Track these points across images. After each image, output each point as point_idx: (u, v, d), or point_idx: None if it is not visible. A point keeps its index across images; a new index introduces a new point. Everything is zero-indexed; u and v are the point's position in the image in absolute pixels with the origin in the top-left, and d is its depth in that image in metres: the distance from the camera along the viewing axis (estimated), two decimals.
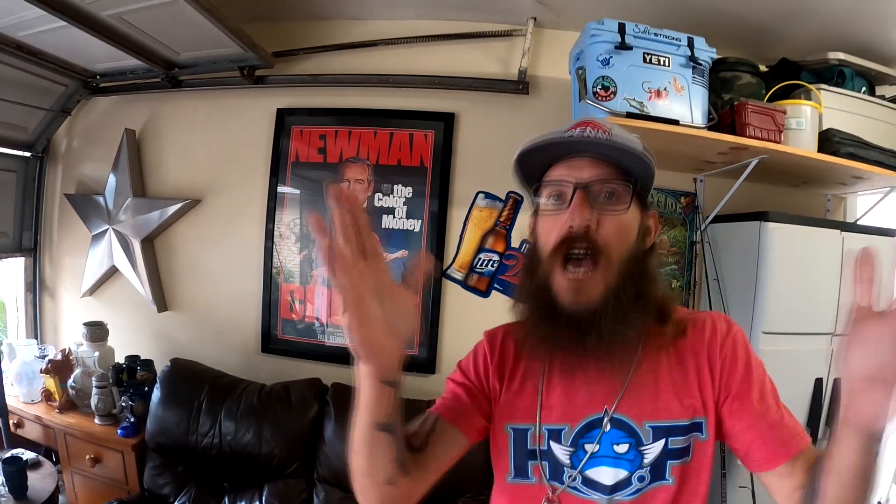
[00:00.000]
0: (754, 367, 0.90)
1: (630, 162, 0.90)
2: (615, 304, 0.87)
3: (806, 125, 2.00)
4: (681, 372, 0.92)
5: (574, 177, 0.90)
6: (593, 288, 0.87)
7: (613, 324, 0.86)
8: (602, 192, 0.90)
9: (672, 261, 2.49)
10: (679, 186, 2.49)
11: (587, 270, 0.87)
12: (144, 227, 2.78)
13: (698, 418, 0.89)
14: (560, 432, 0.94)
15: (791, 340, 2.03)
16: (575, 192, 0.89)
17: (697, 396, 0.90)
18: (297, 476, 2.25)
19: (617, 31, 1.90)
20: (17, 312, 3.06)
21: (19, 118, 2.75)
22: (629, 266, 0.89)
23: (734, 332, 0.94)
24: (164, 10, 2.04)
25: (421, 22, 2.56)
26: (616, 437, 0.91)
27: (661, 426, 0.89)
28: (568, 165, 0.92)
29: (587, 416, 0.93)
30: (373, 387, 0.78)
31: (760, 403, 0.87)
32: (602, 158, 0.91)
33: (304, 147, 2.69)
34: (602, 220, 0.88)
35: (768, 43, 2.32)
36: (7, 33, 2.25)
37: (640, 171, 0.91)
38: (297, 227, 2.70)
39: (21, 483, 2.08)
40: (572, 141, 0.90)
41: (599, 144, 0.89)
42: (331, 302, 2.65)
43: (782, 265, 2.02)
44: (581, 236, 0.87)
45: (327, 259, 0.69)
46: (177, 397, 2.34)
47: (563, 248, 0.88)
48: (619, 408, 0.91)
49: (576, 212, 0.87)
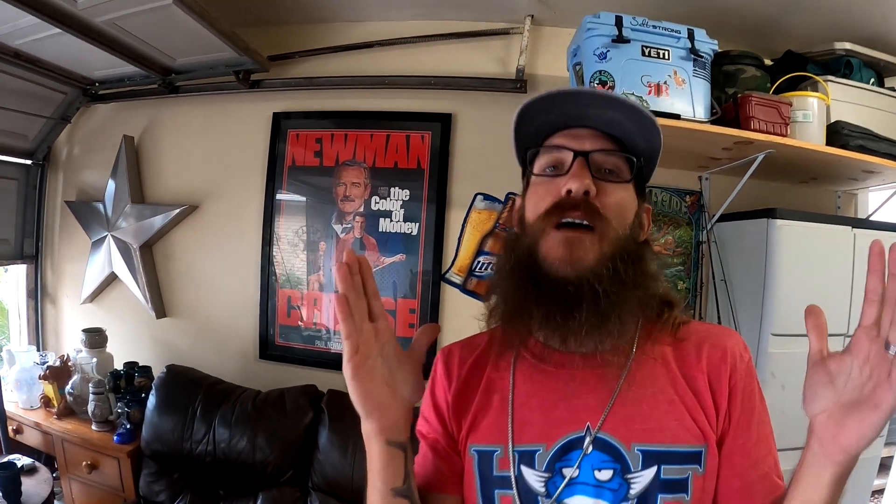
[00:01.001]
0: (758, 404, 0.80)
1: (637, 134, 0.82)
2: (612, 272, 0.76)
3: (813, 118, 1.92)
4: (683, 388, 0.78)
5: (575, 145, 0.81)
6: (589, 250, 0.76)
7: (610, 294, 0.75)
8: (604, 164, 0.82)
9: (678, 262, 2.41)
10: (684, 185, 2.41)
11: (583, 233, 0.77)
12: (143, 233, 2.78)
13: (697, 446, 0.75)
14: (533, 455, 0.78)
15: (802, 342, 1.88)
16: (576, 159, 0.80)
17: (700, 418, 0.76)
18: (292, 484, 2.21)
19: (614, 24, 1.84)
20: (20, 319, 3.07)
21: (20, 126, 2.77)
22: (626, 244, 0.79)
23: (751, 361, 0.83)
24: (156, 14, 2.02)
25: (416, 22, 2.53)
26: (598, 460, 0.76)
27: (652, 450, 0.74)
28: (569, 135, 0.83)
29: (566, 434, 0.78)
30: (380, 448, 0.75)
31: (756, 449, 0.78)
32: (605, 132, 0.83)
33: (301, 151, 2.66)
34: (602, 190, 0.79)
35: (772, 35, 2.25)
36: (4, 42, 2.26)
37: (645, 146, 0.83)
38: (294, 232, 2.67)
39: (15, 489, 2.05)
40: (579, 93, 0.82)
41: (608, 99, 0.80)
42: (333, 308, 2.61)
43: (791, 264, 1.94)
44: (579, 202, 0.77)
45: (341, 308, 0.69)
46: (172, 404, 2.32)
47: (557, 213, 0.78)
48: (605, 425, 0.77)
49: (575, 176, 0.78)
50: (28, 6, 1.91)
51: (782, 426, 1.90)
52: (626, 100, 0.79)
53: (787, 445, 1.89)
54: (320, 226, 2.64)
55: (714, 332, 0.85)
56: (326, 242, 2.63)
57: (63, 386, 2.54)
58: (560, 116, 0.84)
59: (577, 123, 0.83)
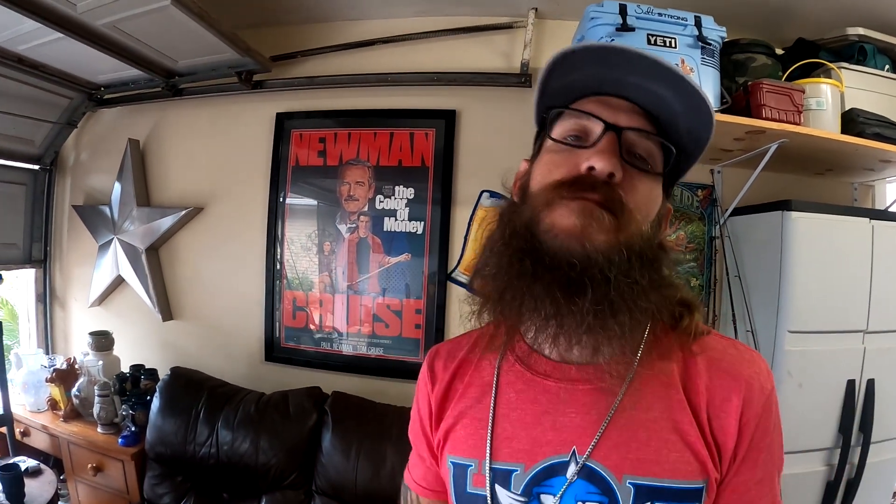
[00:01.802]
0: (768, 442, 0.69)
1: (683, 119, 0.68)
2: (626, 262, 0.63)
3: (827, 105, 1.85)
4: (686, 415, 0.67)
5: (608, 116, 0.68)
6: (603, 230, 0.63)
7: (622, 284, 0.62)
8: (636, 147, 0.68)
9: (690, 258, 2.35)
10: (695, 179, 2.34)
11: (600, 210, 0.64)
12: (149, 236, 2.78)
13: (698, 482, 0.65)
14: (510, 474, 0.70)
15: (820, 339, 1.87)
16: (605, 132, 0.66)
17: (703, 451, 0.66)
18: (296, 487, 2.17)
19: (618, 12, 1.79)
20: (29, 323, 3.09)
21: (27, 132, 2.79)
22: (645, 244, 0.67)
23: (773, 392, 0.71)
24: (155, 16, 2.01)
25: (418, 19, 2.50)
26: (584, 492, 0.66)
27: (646, 485, 0.65)
28: (603, 102, 0.70)
29: (548, 456, 0.68)
30: None
31: (757, 488, 0.69)
32: (644, 109, 0.70)
33: (304, 151, 2.64)
34: (628, 177, 0.66)
35: (783, 22, 2.18)
36: (7, 47, 2.27)
37: (689, 136, 0.70)
38: (299, 234, 2.65)
39: (18, 490, 2.05)
40: (626, 52, 0.65)
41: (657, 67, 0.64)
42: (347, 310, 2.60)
43: (808, 258, 1.86)
44: (599, 184, 0.64)
45: None
46: (175, 406, 2.31)
47: (571, 190, 0.65)
48: (595, 452, 0.67)
49: (602, 152, 0.64)
50: (27, 10, 1.91)
51: (800, 427, 1.86)
52: (679, 71, 0.64)
53: (804, 447, 1.86)
54: (325, 226, 2.61)
55: (731, 356, 0.72)
56: (331, 243, 2.60)
57: (70, 389, 2.53)
58: (594, 78, 0.70)
59: (613, 91, 0.70)
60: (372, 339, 2.54)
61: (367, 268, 2.55)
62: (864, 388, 1.89)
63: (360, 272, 2.56)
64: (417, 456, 0.87)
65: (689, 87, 0.64)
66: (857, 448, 1.89)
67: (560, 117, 0.72)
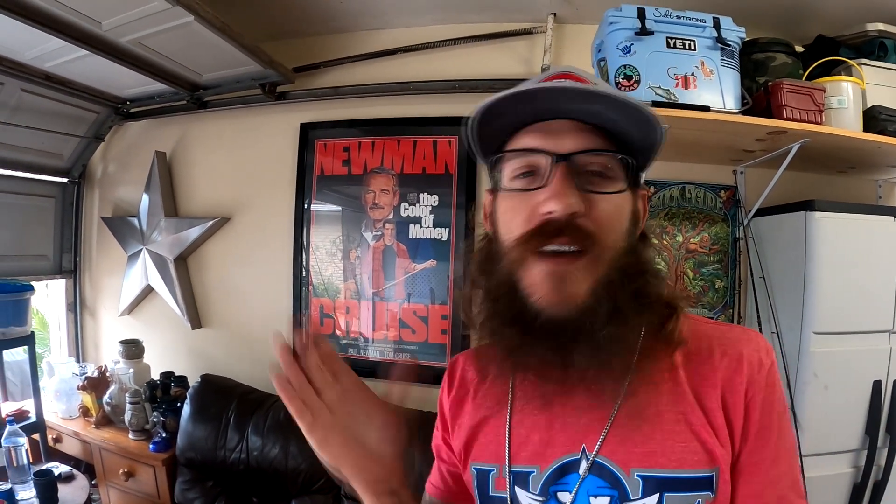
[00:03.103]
0: (776, 418, 0.69)
1: (627, 123, 0.67)
2: (610, 303, 0.65)
3: (848, 103, 1.84)
4: (691, 404, 0.68)
5: (552, 146, 0.67)
6: (580, 282, 0.64)
7: (609, 329, 0.65)
8: (590, 165, 0.67)
9: (715, 260, 2.34)
10: (718, 180, 2.34)
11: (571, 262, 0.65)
12: (177, 246, 2.83)
13: (707, 471, 0.66)
14: (528, 476, 0.73)
15: (845, 340, 1.86)
16: (554, 166, 0.66)
17: (710, 439, 0.66)
18: (324, 492, 2.20)
19: (636, 16, 1.80)
20: (60, 332, 3.16)
21: (55, 146, 2.86)
22: (623, 259, 0.67)
23: (773, 367, 0.71)
24: (179, 32, 2.06)
25: (438, 27, 2.53)
26: (594, 486, 0.68)
27: (654, 476, 0.66)
28: (542, 131, 0.69)
29: (561, 456, 0.71)
30: (371, 501, 0.72)
31: (774, 467, 0.68)
32: (587, 121, 0.68)
33: (329, 160, 2.68)
34: (591, 202, 0.66)
35: (801, 20, 2.17)
36: (34, 65, 2.34)
37: (641, 138, 0.69)
38: (325, 242, 2.68)
39: (52, 495, 2.10)
40: (549, 91, 0.66)
41: (586, 94, 0.64)
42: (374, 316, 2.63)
43: (832, 258, 1.85)
44: (563, 226, 0.64)
45: (282, 390, 0.69)
46: (206, 413, 2.35)
47: (537, 240, 0.66)
48: (603, 448, 0.69)
49: (558, 194, 0.64)
50: (54, 29, 1.97)
51: (826, 428, 1.84)
52: (609, 93, 0.64)
53: (830, 449, 1.84)
54: (351, 234, 2.65)
55: (729, 338, 0.73)
56: (357, 250, 2.63)
57: (101, 396, 2.59)
58: (528, 113, 0.70)
59: (551, 116, 0.69)
60: (399, 344, 2.57)
61: (392, 274, 2.57)
62: (890, 388, 1.87)
63: (385, 279, 2.58)
64: (438, 459, 0.91)
65: (621, 102, 0.64)
66: (884, 450, 1.88)
67: (502, 160, 0.73)
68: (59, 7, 1.86)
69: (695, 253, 2.31)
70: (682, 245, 2.32)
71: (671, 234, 2.32)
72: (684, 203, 2.32)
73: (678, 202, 2.32)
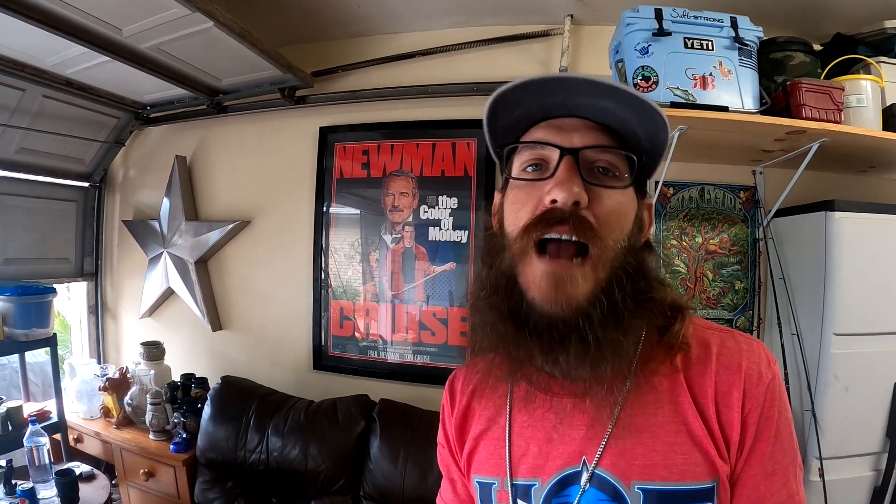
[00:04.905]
0: (774, 433, 0.68)
1: (637, 125, 0.68)
2: (608, 306, 0.65)
3: (867, 102, 1.83)
4: (692, 413, 0.68)
5: (561, 140, 0.68)
6: (579, 283, 0.64)
7: (605, 332, 0.64)
8: (597, 162, 0.69)
9: (734, 261, 2.33)
10: (737, 181, 2.33)
11: (572, 259, 0.65)
12: (198, 249, 2.87)
13: (708, 482, 0.65)
14: (529, 489, 0.72)
15: (866, 342, 1.84)
16: (562, 158, 0.67)
17: (711, 450, 0.66)
18: (343, 493, 2.21)
19: (653, 17, 1.81)
20: (81, 334, 3.20)
21: (76, 151, 2.91)
22: (624, 259, 0.68)
23: (775, 380, 0.70)
24: (199, 37, 2.09)
25: (456, 30, 2.54)
26: (595, 499, 0.68)
27: (655, 489, 0.65)
28: (553, 127, 0.70)
29: (561, 468, 0.71)
30: None
31: (768, 482, 0.67)
32: (598, 122, 0.69)
33: (348, 163, 2.70)
34: (595, 196, 0.67)
35: (819, 18, 2.16)
36: (56, 71, 2.38)
37: (647, 139, 0.70)
38: (345, 244, 2.70)
39: (73, 494, 2.13)
40: (566, 81, 0.68)
41: (602, 87, 0.65)
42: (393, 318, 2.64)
43: (853, 259, 1.83)
44: (566, 215, 0.65)
45: None
46: (226, 414, 2.37)
47: (539, 228, 0.66)
48: (603, 460, 0.68)
49: (563, 182, 0.65)
50: (75, 36, 2.01)
51: (847, 430, 1.83)
52: (622, 88, 0.65)
53: (851, 452, 1.82)
54: (370, 236, 2.66)
55: (729, 348, 0.71)
56: (377, 253, 2.65)
57: (122, 397, 2.62)
58: (539, 108, 0.71)
59: (561, 113, 0.71)
60: (418, 346, 2.58)
61: (412, 277, 2.59)
62: None
63: (405, 281, 2.60)
64: (447, 480, 0.90)
65: (630, 96, 0.65)
66: None
67: (515, 152, 0.74)
68: (80, 14, 1.90)
69: (714, 254, 2.30)
70: (701, 246, 2.31)
71: (691, 236, 2.31)
72: (703, 204, 2.31)
73: (697, 203, 2.31)
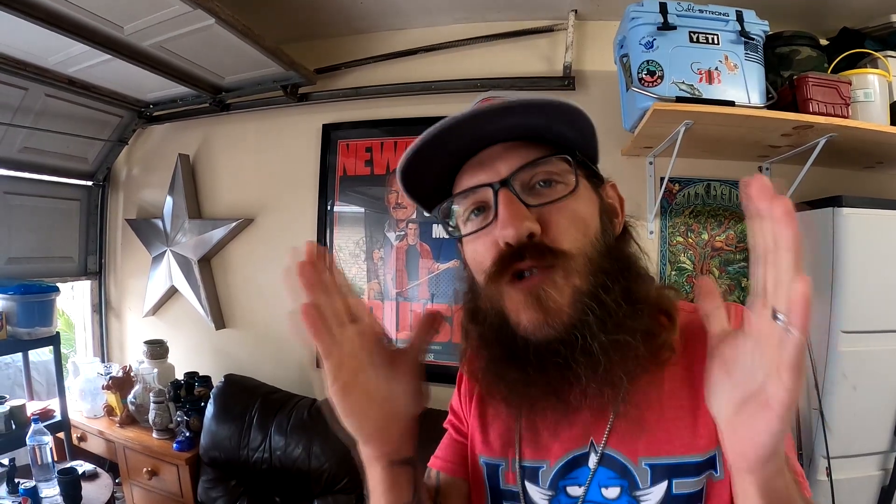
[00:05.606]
0: None
1: (552, 123, 0.66)
2: (598, 309, 0.62)
3: (875, 96, 1.81)
4: (690, 388, 0.67)
5: (487, 176, 0.66)
6: (558, 293, 0.62)
7: (604, 338, 0.62)
8: (534, 178, 0.66)
9: (741, 258, 2.31)
10: (744, 176, 2.30)
11: (543, 277, 0.63)
12: (201, 247, 2.86)
13: (711, 451, 0.65)
14: (537, 471, 0.72)
15: (874, 339, 1.82)
16: (497, 193, 0.65)
17: (710, 420, 0.63)
18: (347, 492, 2.19)
19: (658, 11, 1.80)
20: (85, 332, 3.20)
21: (79, 150, 2.91)
22: (603, 262, 0.65)
23: None
24: (200, 35, 2.08)
25: (459, 26, 2.53)
26: (605, 477, 0.68)
27: (661, 464, 0.66)
28: (475, 165, 0.68)
29: (569, 450, 0.71)
30: (383, 471, 0.66)
31: None
32: (516, 138, 0.67)
33: (352, 161, 2.69)
34: (547, 215, 0.64)
35: (825, 12, 2.14)
36: (58, 70, 2.37)
37: (572, 133, 0.67)
38: (349, 242, 2.69)
39: (76, 493, 2.13)
40: (457, 124, 0.64)
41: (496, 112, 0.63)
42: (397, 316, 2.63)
43: (861, 255, 1.81)
44: (524, 250, 0.63)
45: (310, 321, 0.57)
46: (229, 412, 2.37)
47: (504, 271, 0.64)
48: (610, 440, 0.69)
49: (507, 220, 0.62)
50: (78, 35, 2.00)
51: (854, 429, 1.81)
52: (514, 102, 0.62)
53: (858, 451, 1.80)
54: (374, 234, 2.65)
55: None
56: (381, 251, 2.64)
57: (125, 396, 2.62)
58: (454, 153, 0.69)
59: (477, 147, 0.69)
60: None
61: (416, 275, 2.57)
62: None
63: (409, 279, 2.58)
64: (450, 438, 0.88)
65: (523, 105, 0.63)
66: None
67: (452, 208, 0.72)
68: (82, 13, 1.89)
69: (721, 251, 2.28)
70: (707, 243, 2.28)
71: (697, 232, 2.29)
72: (710, 200, 2.29)
73: (703, 200, 2.29)
